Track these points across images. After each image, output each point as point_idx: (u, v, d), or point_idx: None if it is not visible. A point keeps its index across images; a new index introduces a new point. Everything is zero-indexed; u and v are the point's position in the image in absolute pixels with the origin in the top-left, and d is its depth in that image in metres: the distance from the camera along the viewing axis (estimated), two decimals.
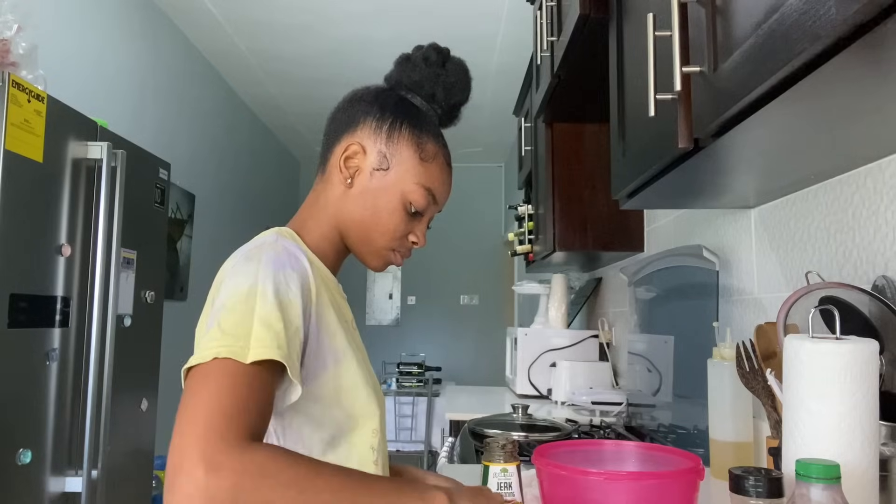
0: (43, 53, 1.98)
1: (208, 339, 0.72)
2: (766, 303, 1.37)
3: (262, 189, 5.71)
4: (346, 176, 0.91)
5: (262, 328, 0.73)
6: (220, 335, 0.72)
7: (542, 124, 2.38)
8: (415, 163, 0.91)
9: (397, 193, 0.91)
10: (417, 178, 0.91)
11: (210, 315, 0.78)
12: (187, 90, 4.06)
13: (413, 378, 4.66)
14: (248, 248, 0.83)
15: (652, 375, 1.85)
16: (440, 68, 0.96)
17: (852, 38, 0.57)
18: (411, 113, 0.94)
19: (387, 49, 4.03)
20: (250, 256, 0.81)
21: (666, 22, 0.87)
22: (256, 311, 0.74)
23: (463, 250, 6.73)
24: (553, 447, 0.92)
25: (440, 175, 0.93)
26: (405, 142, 0.91)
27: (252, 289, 0.76)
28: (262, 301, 0.75)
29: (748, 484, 0.73)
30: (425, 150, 0.92)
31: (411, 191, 0.91)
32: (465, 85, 0.98)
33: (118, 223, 2.09)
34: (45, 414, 1.84)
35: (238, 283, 0.77)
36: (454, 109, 0.99)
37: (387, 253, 0.94)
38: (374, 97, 0.95)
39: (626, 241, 2.22)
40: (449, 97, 0.97)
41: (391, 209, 0.91)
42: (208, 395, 0.67)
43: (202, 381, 0.69)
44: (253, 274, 0.77)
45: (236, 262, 0.81)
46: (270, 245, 0.82)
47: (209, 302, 0.83)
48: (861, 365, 0.73)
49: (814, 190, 1.18)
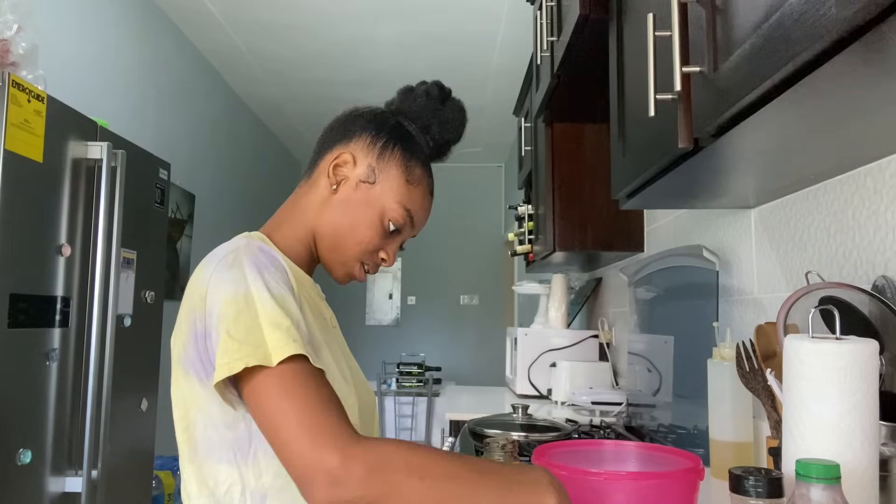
0: (43, 53, 1.97)
1: (223, 350, 0.75)
2: (766, 303, 1.37)
3: (262, 189, 5.71)
4: (332, 182, 0.94)
5: (272, 330, 0.75)
6: (238, 345, 0.74)
7: (542, 124, 2.38)
8: (400, 183, 0.94)
9: (378, 208, 0.94)
10: (400, 198, 0.94)
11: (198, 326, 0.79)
12: (187, 90, 4.06)
13: (413, 378, 4.66)
14: (222, 255, 0.84)
15: (652, 375, 1.85)
16: (440, 104, 1.00)
17: (852, 38, 0.56)
18: (405, 137, 0.97)
19: (387, 49, 4.04)
20: (230, 262, 0.82)
21: (666, 22, 0.87)
22: (261, 314, 0.76)
23: (463, 250, 6.74)
24: (553, 447, 0.92)
25: (422, 201, 0.97)
26: (395, 161, 0.95)
27: (248, 294, 0.78)
28: (261, 304, 0.77)
29: (748, 484, 0.73)
30: (412, 174, 0.96)
31: (392, 209, 0.94)
32: (460, 124, 1.02)
33: (118, 223, 2.09)
34: (45, 414, 1.84)
35: (229, 290, 0.78)
36: (445, 146, 1.02)
37: (354, 265, 0.96)
38: (373, 116, 0.99)
39: (626, 241, 2.22)
40: (443, 132, 1.00)
41: (369, 222, 0.93)
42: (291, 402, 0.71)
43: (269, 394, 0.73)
44: (241, 279, 0.79)
45: (215, 269, 0.82)
46: (245, 248, 0.84)
47: (186, 312, 0.83)
48: (861, 365, 0.73)
49: (814, 190, 1.18)
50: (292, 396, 0.72)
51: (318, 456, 0.67)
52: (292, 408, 0.71)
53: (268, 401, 0.73)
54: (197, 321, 0.81)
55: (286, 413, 0.71)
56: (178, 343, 0.84)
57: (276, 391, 0.73)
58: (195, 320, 0.81)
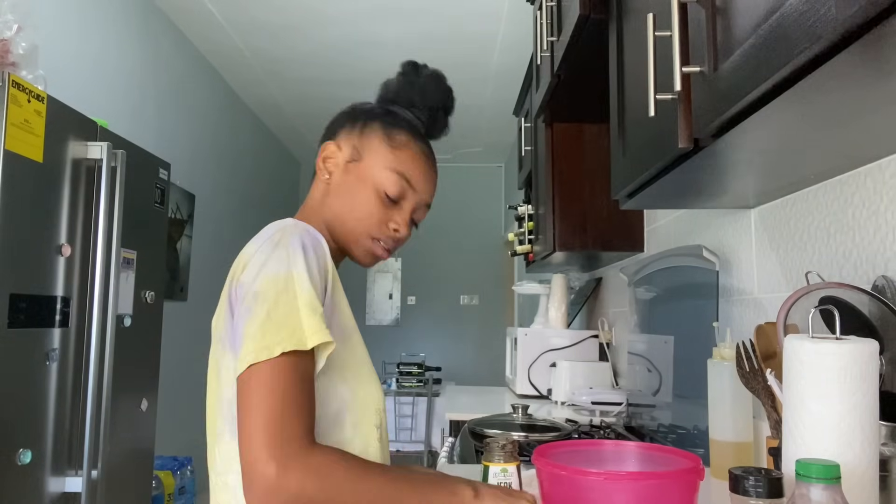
0: (43, 53, 1.98)
1: (263, 331, 0.77)
2: (766, 303, 1.37)
3: (262, 189, 5.71)
4: (325, 173, 0.99)
5: (309, 314, 0.79)
6: (276, 328, 0.77)
7: (542, 124, 2.38)
8: (384, 150, 0.97)
9: (370, 180, 0.96)
10: (387, 164, 0.96)
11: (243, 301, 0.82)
12: (187, 90, 4.06)
13: (413, 378, 4.66)
14: (270, 234, 0.87)
15: (652, 375, 1.85)
16: (414, 76, 1.03)
17: (852, 38, 0.56)
18: (383, 112, 1.02)
19: (387, 49, 4.04)
20: (277, 242, 0.85)
21: (666, 22, 0.87)
22: (300, 298, 0.79)
23: (463, 250, 6.74)
24: (553, 447, 0.92)
25: (413, 162, 0.98)
26: (375, 133, 0.98)
27: (289, 275, 0.81)
28: (300, 287, 0.80)
29: (748, 484, 0.73)
30: (395, 139, 0.98)
31: (383, 176, 0.96)
32: (441, 88, 1.04)
33: (118, 223, 2.09)
34: (45, 414, 1.84)
35: (273, 269, 0.81)
36: (435, 113, 1.04)
37: (367, 242, 0.97)
38: (352, 108, 1.04)
39: (626, 241, 2.22)
40: (425, 100, 1.02)
41: (366, 196, 0.96)
42: (271, 399, 0.75)
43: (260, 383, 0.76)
44: (285, 260, 0.82)
45: (261, 246, 0.85)
46: (293, 228, 0.87)
47: (230, 287, 0.86)
48: (861, 365, 0.73)
49: (814, 190, 1.18)
50: (275, 394, 0.75)
51: (263, 460, 0.72)
52: (270, 406, 0.75)
53: (258, 389, 0.76)
54: (233, 293, 0.84)
55: (261, 408, 0.75)
56: (219, 322, 0.88)
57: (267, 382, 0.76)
58: (232, 292, 0.85)
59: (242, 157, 5.17)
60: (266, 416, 0.74)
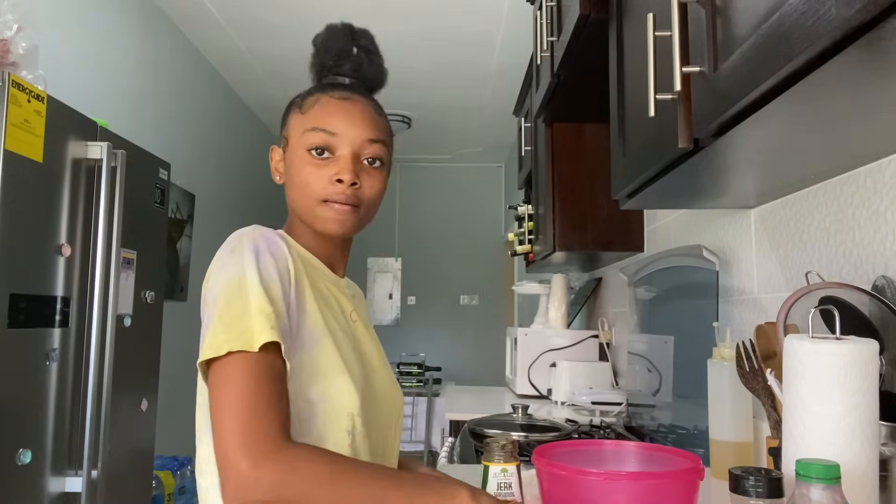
0: (43, 53, 1.97)
1: (213, 332, 0.79)
2: (766, 303, 1.37)
3: (262, 189, 5.71)
4: (276, 176, 1.03)
5: (259, 316, 0.80)
6: (225, 328, 0.79)
7: (542, 124, 2.38)
8: (297, 119, 0.98)
9: (297, 152, 0.97)
10: (303, 128, 0.97)
11: (205, 308, 0.85)
12: (187, 90, 4.06)
13: (413, 378, 4.66)
14: (229, 241, 0.90)
15: (652, 375, 1.85)
16: (317, 41, 1.08)
17: (852, 38, 0.56)
18: (295, 99, 1.03)
19: (387, 49, 3.99)
20: (233, 248, 0.87)
21: (666, 22, 0.87)
22: (251, 300, 0.81)
23: (463, 250, 6.73)
24: (553, 447, 0.92)
25: (325, 108, 0.97)
26: (292, 114, 1.00)
27: (242, 279, 0.83)
28: (251, 289, 0.82)
29: (748, 484, 0.73)
30: (305, 104, 0.99)
31: (303, 141, 0.96)
32: (339, 33, 1.07)
33: (118, 223, 2.09)
34: (45, 414, 1.84)
35: (227, 274, 0.84)
36: (345, 56, 1.05)
37: (320, 208, 0.94)
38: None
39: (626, 241, 2.22)
40: (329, 48, 1.05)
41: (298, 167, 0.96)
42: (239, 395, 0.75)
43: (227, 380, 0.77)
44: (239, 264, 0.84)
45: (219, 254, 0.89)
46: (249, 234, 0.89)
47: (203, 295, 0.89)
48: (861, 365, 0.73)
49: (814, 190, 1.18)
50: (243, 391, 0.76)
51: (237, 457, 0.72)
52: (239, 402, 0.75)
53: (225, 387, 0.77)
54: (202, 301, 0.87)
55: (230, 406, 0.75)
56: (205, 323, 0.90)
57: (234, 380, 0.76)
58: (201, 300, 0.88)
59: (242, 157, 5.17)
60: (236, 412, 0.74)
